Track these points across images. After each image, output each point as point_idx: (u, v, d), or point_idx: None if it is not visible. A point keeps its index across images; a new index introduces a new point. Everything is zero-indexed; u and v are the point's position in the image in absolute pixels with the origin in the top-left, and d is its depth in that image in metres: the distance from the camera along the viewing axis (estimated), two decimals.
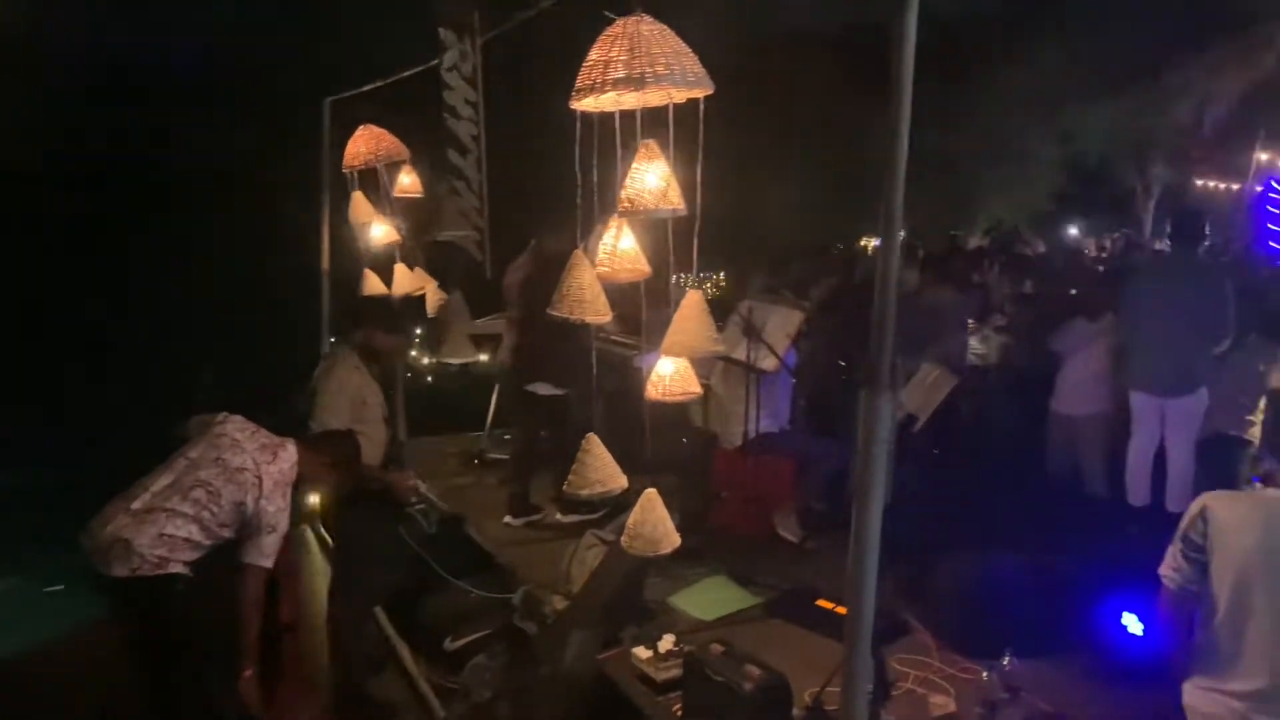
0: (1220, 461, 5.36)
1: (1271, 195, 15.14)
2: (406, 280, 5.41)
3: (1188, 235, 5.79)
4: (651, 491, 2.69)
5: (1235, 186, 16.91)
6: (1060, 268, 10.09)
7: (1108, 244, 13.72)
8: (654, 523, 2.68)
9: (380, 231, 5.35)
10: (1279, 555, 2.37)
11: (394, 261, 5.40)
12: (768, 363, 5.16)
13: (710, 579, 4.65)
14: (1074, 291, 7.07)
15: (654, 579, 4.43)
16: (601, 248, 2.69)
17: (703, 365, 5.53)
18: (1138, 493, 5.65)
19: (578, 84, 2.44)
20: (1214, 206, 18.65)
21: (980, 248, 11.94)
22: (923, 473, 5.32)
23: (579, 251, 2.71)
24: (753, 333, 5.09)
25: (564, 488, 2.75)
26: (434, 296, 5.72)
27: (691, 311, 2.69)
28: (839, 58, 15.84)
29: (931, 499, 5.24)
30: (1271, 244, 14.59)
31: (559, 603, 4.29)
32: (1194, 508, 2.52)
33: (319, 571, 5.15)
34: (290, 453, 3.64)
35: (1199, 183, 18.96)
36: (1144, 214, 20.66)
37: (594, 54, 2.40)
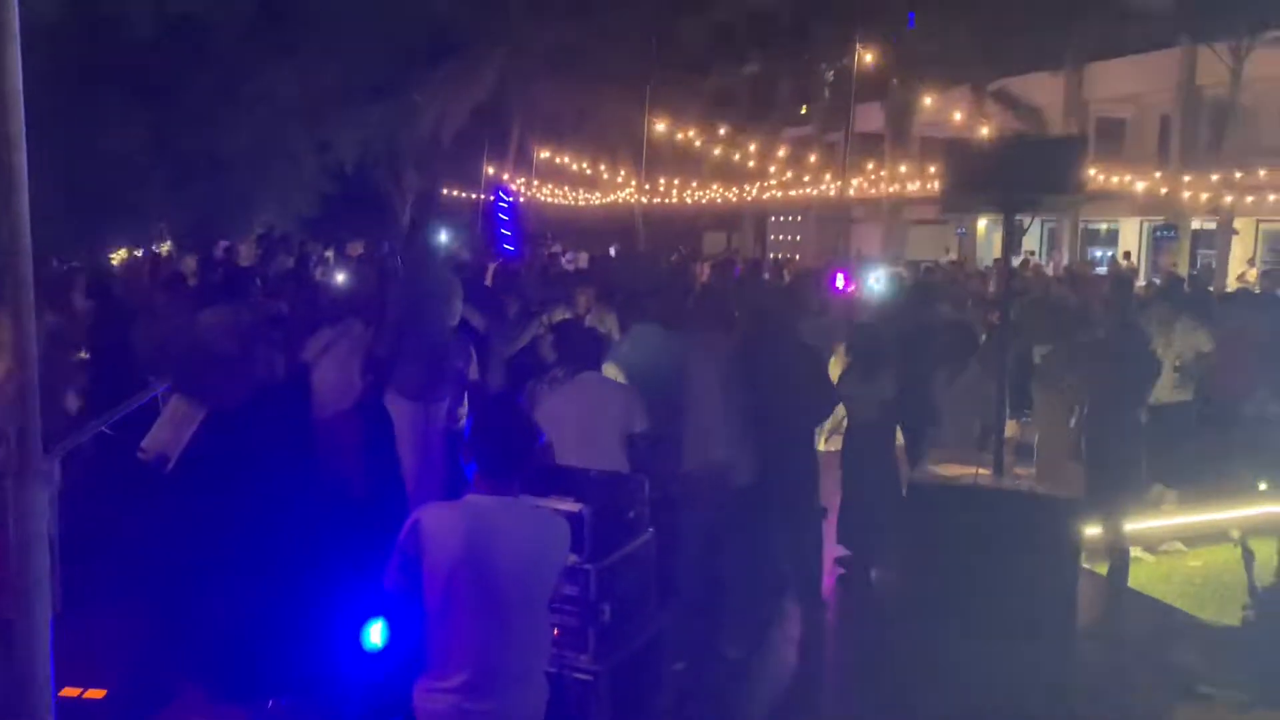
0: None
1: (500, 204, 17.63)
2: None
3: (424, 247, 6.48)
4: None
5: (474, 195, 19.22)
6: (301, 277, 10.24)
7: (364, 249, 14.48)
8: None
9: None
10: (480, 558, 2.63)
11: None
12: None
13: None
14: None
15: None
16: None
17: None
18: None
19: None
20: (460, 213, 20.91)
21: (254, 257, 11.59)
22: (181, 515, 4.98)
23: None
24: None
25: None
26: None
27: None
28: (60, 47, 14.05)
29: (194, 543, 4.94)
30: (505, 246, 17.00)
31: None
32: (410, 521, 2.68)
33: None
34: None
35: (445, 191, 21.20)
36: (401, 218, 22.44)
37: None
